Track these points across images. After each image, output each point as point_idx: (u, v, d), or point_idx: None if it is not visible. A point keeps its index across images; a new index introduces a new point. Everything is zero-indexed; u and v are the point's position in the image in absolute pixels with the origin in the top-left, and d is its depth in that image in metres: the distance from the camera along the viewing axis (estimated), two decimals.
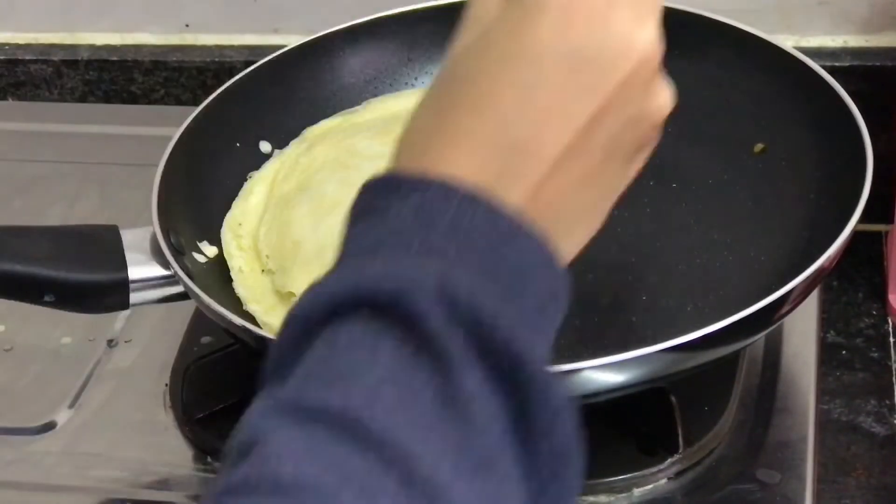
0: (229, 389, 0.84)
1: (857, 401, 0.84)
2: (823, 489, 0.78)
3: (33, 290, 0.79)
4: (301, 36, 0.95)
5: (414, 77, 0.95)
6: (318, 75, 0.94)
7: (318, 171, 0.86)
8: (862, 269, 0.93)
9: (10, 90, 1.16)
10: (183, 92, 1.13)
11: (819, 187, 0.82)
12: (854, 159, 0.79)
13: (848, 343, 0.89)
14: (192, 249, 0.83)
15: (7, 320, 0.93)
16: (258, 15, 1.11)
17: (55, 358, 0.90)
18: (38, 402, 0.87)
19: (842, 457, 0.81)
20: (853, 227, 0.75)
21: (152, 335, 0.90)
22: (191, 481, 0.81)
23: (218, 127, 0.90)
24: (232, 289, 0.82)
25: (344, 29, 0.94)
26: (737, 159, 0.87)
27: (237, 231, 0.86)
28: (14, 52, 1.15)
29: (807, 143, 0.84)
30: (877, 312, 0.91)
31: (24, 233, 0.81)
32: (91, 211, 1.02)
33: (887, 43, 1.00)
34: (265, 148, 0.91)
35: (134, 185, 1.01)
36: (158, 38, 1.14)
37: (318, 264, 0.80)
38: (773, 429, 0.80)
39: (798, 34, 1.01)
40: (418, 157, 0.53)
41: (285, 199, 0.86)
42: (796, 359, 0.85)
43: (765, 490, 0.77)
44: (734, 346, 0.76)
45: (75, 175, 1.06)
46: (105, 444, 0.84)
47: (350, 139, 0.88)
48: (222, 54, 1.11)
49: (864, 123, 0.80)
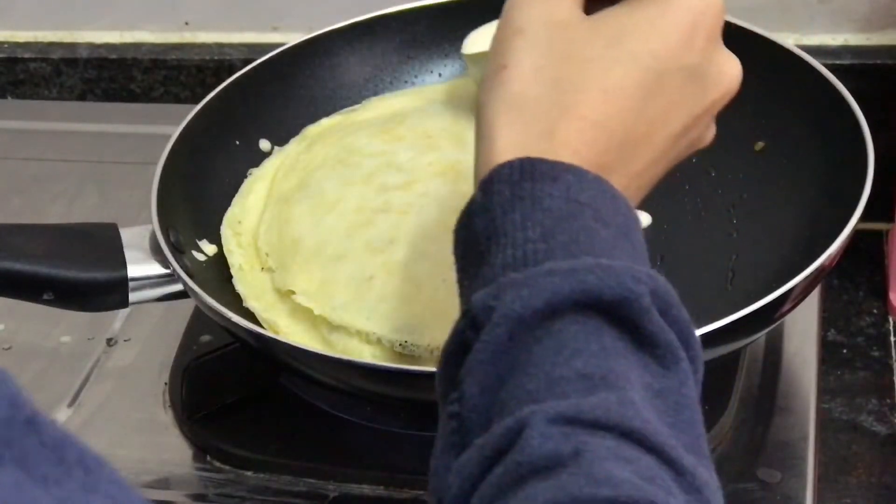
0: (229, 388, 0.84)
1: (858, 400, 0.84)
2: (824, 488, 0.78)
3: (32, 289, 0.79)
4: (300, 34, 0.95)
5: (414, 75, 0.95)
6: (318, 73, 0.94)
7: (318, 169, 0.86)
8: (863, 268, 0.93)
9: (9, 88, 1.16)
10: (182, 90, 1.13)
11: (820, 186, 0.82)
12: (855, 158, 0.79)
13: (849, 342, 0.88)
14: (191, 248, 0.83)
15: (6, 319, 0.93)
16: (257, 13, 1.11)
17: (54, 356, 0.90)
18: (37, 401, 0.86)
19: (842, 456, 0.81)
20: (854, 226, 0.75)
21: (151, 334, 0.90)
22: (190, 480, 0.81)
23: (217, 125, 0.90)
24: (231, 287, 0.82)
25: (343, 27, 0.94)
26: (737, 157, 0.87)
27: (237, 229, 0.85)
28: (13, 51, 1.15)
29: (808, 142, 0.84)
30: (877, 311, 0.91)
31: (23, 231, 0.81)
32: (90, 209, 1.02)
33: (888, 41, 1.00)
34: (265, 146, 0.91)
35: (133, 184, 1.01)
36: (158, 37, 1.13)
37: (317, 262, 0.80)
38: (774, 428, 0.80)
39: (799, 32, 1.01)
40: (544, 137, 0.57)
41: (285, 197, 0.85)
42: (797, 357, 0.85)
43: (765, 489, 0.77)
44: (735, 345, 0.76)
45: (74, 173, 1.06)
46: (104, 442, 0.83)
47: (350, 137, 0.88)
48: (222, 52, 1.11)
49: (865, 122, 0.80)
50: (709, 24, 0.60)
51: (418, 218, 0.80)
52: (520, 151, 0.56)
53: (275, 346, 0.75)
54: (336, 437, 0.82)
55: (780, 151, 0.86)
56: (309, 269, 0.80)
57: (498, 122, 0.58)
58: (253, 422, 0.83)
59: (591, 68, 0.58)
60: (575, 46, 0.58)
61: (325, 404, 0.82)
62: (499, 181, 0.55)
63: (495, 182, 0.55)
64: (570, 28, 0.59)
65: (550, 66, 0.58)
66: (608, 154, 0.57)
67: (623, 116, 0.58)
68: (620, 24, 0.59)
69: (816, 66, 0.85)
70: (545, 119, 0.57)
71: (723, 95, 0.61)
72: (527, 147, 0.56)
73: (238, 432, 0.82)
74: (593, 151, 0.57)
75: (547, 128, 0.57)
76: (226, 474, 0.81)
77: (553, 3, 0.59)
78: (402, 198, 0.82)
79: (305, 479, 0.80)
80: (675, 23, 0.59)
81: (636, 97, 0.58)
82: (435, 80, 0.95)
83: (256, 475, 0.81)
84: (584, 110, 0.57)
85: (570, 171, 0.55)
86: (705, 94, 0.60)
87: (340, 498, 0.79)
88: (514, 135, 0.57)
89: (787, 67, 0.86)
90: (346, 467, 0.80)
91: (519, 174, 0.55)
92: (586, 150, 0.57)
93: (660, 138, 0.59)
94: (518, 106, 0.58)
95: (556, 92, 0.57)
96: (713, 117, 0.63)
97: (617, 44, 0.58)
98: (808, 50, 0.86)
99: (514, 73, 0.58)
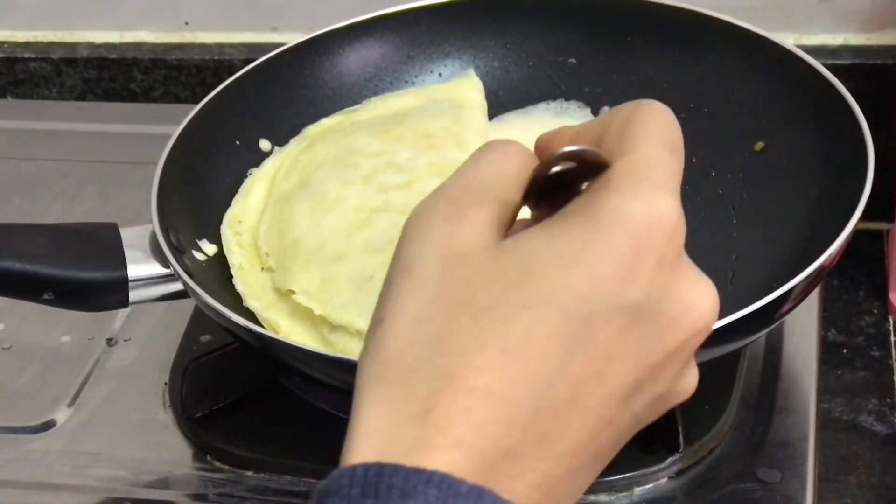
0: (229, 388, 0.84)
1: (858, 399, 0.84)
2: (824, 488, 0.78)
3: (32, 288, 0.79)
4: (300, 34, 0.95)
5: (414, 75, 0.95)
6: (318, 73, 0.94)
7: (318, 169, 0.86)
8: (863, 268, 0.93)
9: (9, 88, 1.16)
10: (182, 90, 1.13)
11: (820, 185, 0.82)
12: (855, 157, 0.79)
13: (849, 341, 0.88)
14: (191, 247, 0.83)
15: (6, 319, 0.93)
16: (257, 13, 1.11)
17: (54, 356, 0.90)
18: (37, 401, 0.87)
19: (842, 456, 0.81)
20: (854, 226, 0.75)
21: (152, 334, 0.90)
22: (190, 480, 0.81)
23: (217, 125, 0.89)
24: (231, 287, 0.82)
25: (344, 27, 0.94)
26: (737, 157, 0.87)
27: (237, 228, 0.85)
28: (13, 51, 1.15)
29: (808, 142, 0.84)
30: (878, 311, 0.91)
31: (23, 230, 0.81)
32: (90, 209, 1.02)
33: (888, 41, 1.00)
34: (265, 146, 0.91)
35: (133, 183, 1.01)
36: (158, 37, 1.13)
37: (317, 262, 0.80)
38: (774, 428, 0.80)
39: (799, 32, 1.01)
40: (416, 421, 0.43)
41: (285, 197, 0.85)
42: (797, 357, 0.85)
43: (765, 489, 0.77)
44: (735, 345, 0.76)
45: (74, 173, 1.06)
46: (104, 442, 0.84)
47: (350, 137, 0.88)
48: (222, 52, 1.11)
49: (865, 121, 0.80)
50: (658, 245, 0.46)
51: None
52: (382, 443, 0.43)
53: (275, 345, 0.75)
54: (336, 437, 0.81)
55: (781, 151, 0.86)
56: (309, 269, 0.80)
57: (363, 398, 0.45)
58: (253, 422, 0.83)
59: (487, 318, 0.44)
60: (469, 289, 0.45)
61: (325, 404, 0.82)
62: (334, 495, 0.42)
63: (329, 497, 0.43)
64: (469, 263, 0.45)
65: (436, 320, 0.45)
66: (511, 436, 0.43)
67: (533, 381, 0.43)
68: (533, 254, 0.45)
69: (816, 66, 0.85)
70: (421, 394, 0.44)
71: (690, 337, 0.47)
72: (392, 437, 0.43)
73: (238, 432, 0.82)
74: (486, 435, 0.43)
75: (421, 408, 0.43)
76: (226, 474, 0.81)
77: (455, 227, 0.46)
78: (402, 198, 0.82)
79: (305, 480, 0.80)
80: (609, 248, 0.45)
81: (551, 353, 0.44)
82: (435, 80, 0.95)
83: (256, 475, 0.81)
84: (475, 379, 0.43)
85: (433, 483, 0.41)
86: (661, 336, 0.46)
87: None
88: (378, 417, 0.44)
89: (787, 67, 0.86)
90: None
91: (361, 488, 0.42)
92: (474, 435, 0.43)
93: (595, 402, 0.45)
94: (389, 376, 0.45)
95: (438, 355, 0.44)
96: (686, 363, 0.48)
97: (525, 282, 0.44)
98: (808, 50, 0.86)
99: (390, 328, 0.45)
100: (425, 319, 0.45)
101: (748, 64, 0.88)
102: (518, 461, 0.44)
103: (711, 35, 0.89)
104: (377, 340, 0.46)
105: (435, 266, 0.46)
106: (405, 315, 0.45)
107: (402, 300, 0.46)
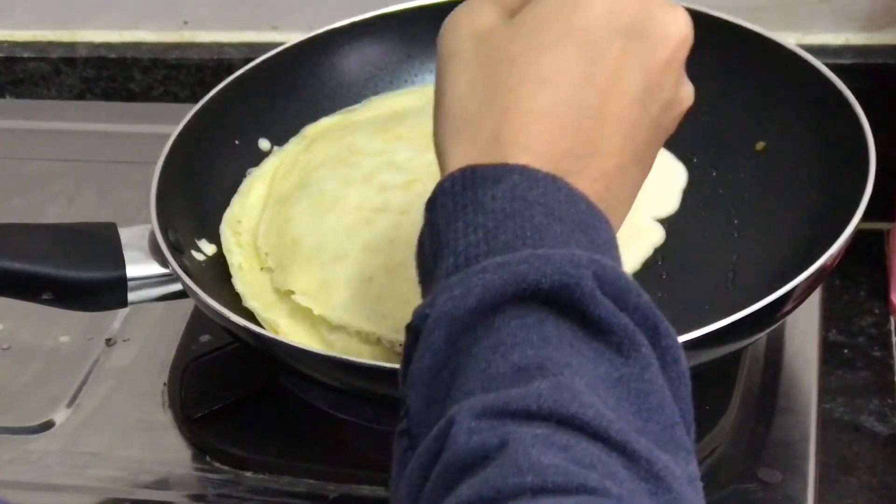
0: (228, 388, 0.84)
1: (859, 400, 0.84)
2: (825, 488, 0.78)
3: (31, 288, 0.79)
4: (300, 33, 0.95)
5: (414, 74, 0.95)
6: (318, 73, 0.94)
7: (318, 169, 0.86)
8: (864, 268, 0.93)
9: (8, 88, 1.16)
10: (181, 89, 1.12)
11: (821, 185, 0.82)
12: (856, 157, 0.79)
13: (850, 342, 0.88)
14: (190, 247, 0.83)
15: (5, 319, 0.92)
16: (257, 12, 1.10)
17: (53, 357, 0.90)
18: (36, 401, 0.87)
19: (843, 456, 0.81)
20: (855, 226, 0.75)
21: (151, 334, 0.90)
22: (189, 480, 0.81)
23: (217, 124, 0.89)
24: (230, 287, 0.82)
25: (343, 26, 0.94)
26: (738, 157, 0.87)
27: (236, 228, 0.85)
28: (12, 50, 1.15)
29: (809, 141, 0.84)
30: (879, 311, 0.90)
31: (22, 230, 0.81)
32: (89, 209, 1.02)
33: (890, 40, 1.00)
34: (264, 145, 0.91)
35: (132, 183, 1.01)
36: (157, 36, 1.13)
37: (317, 262, 0.80)
38: (775, 428, 0.80)
39: (800, 31, 1.01)
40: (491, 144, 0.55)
41: (284, 197, 0.85)
42: (798, 358, 0.85)
43: (766, 489, 0.76)
44: (736, 345, 0.76)
45: (73, 173, 1.06)
46: (103, 443, 0.83)
47: (350, 136, 0.88)
48: (221, 52, 1.11)
49: (866, 121, 0.80)
50: None
51: (418, 218, 0.80)
52: (470, 162, 0.55)
53: (274, 346, 0.75)
54: (336, 437, 0.82)
55: (782, 151, 0.86)
56: (309, 269, 0.80)
57: (446, 148, 0.57)
58: (252, 422, 0.83)
59: (520, 63, 0.56)
60: (500, 50, 0.57)
61: (325, 404, 0.82)
62: (442, 196, 0.54)
63: (438, 198, 0.54)
64: (494, 33, 0.58)
65: (482, 77, 0.57)
66: (565, 140, 0.55)
67: (569, 96, 0.56)
68: (540, 14, 0.57)
69: (818, 65, 0.85)
70: (488, 127, 0.55)
71: (676, 47, 0.58)
72: (476, 158, 0.55)
73: (238, 432, 0.82)
74: (546, 141, 0.55)
75: (492, 135, 0.55)
76: (225, 474, 0.81)
77: (476, 14, 0.59)
78: (401, 197, 0.82)
79: (305, 480, 0.80)
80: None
81: (577, 73, 0.56)
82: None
83: (256, 475, 0.81)
84: (525, 104, 0.55)
85: (516, 171, 0.53)
86: (654, 49, 0.57)
87: (340, 498, 0.79)
88: (461, 153, 0.56)
89: (788, 67, 0.86)
90: (346, 467, 0.80)
91: (461, 184, 0.54)
92: (537, 142, 0.55)
93: (620, 106, 0.57)
94: (460, 126, 0.56)
95: (492, 98, 0.56)
96: (681, 73, 0.60)
97: (541, 31, 0.57)
98: (809, 49, 0.86)
99: (450, 98, 0.57)
100: (474, 80, 0.57)
101: (749, 63, 0.88)
102: (577, 160, 0.55)
103: (713, 35, 0.89)
104: (444, 108, 0.57)
105: (471, 43, 0.58)
106: (459, 84, 0.57)
107: (454, 75, 0.58)
